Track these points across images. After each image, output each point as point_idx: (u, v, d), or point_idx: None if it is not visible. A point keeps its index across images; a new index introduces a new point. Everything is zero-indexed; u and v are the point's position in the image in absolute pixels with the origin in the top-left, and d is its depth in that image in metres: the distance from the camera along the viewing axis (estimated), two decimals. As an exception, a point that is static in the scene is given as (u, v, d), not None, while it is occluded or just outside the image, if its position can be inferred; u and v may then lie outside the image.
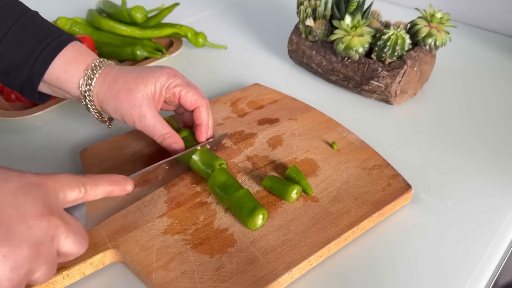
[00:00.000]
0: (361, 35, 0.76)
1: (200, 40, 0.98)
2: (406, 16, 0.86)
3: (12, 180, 0.38)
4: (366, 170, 0.62)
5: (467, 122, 0.76)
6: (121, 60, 0.93)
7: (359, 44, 0.77)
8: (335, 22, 0.78)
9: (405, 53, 0.75)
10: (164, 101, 0.63)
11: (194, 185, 0.60)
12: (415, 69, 0.76)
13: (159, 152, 0.66)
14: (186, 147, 0.62)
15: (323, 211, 0.56)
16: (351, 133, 0.69)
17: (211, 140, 0.63)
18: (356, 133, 0.69)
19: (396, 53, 0.75)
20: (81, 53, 0.60)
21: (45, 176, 0.41)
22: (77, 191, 0.42)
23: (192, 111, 0.63)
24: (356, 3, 0.78)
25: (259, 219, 0.54)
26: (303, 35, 0.86)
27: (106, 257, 0.52)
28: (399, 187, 0.59)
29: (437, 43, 0.76)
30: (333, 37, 0.78)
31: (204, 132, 0.63)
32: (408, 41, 0.75)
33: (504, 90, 0.85)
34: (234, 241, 0.53)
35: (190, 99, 0.61)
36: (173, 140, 0.61)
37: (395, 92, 0.76)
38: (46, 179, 0.40)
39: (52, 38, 0.58)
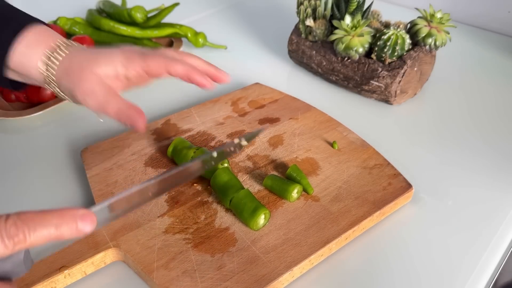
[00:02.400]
0: (361, 35, 0.77)
1: (200, 40, 0.98)
2: (406, 16, 0.86)
3: None
4: (367, 170, 0.62)
5: (467, 122, 0.76)
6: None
7: (359, 44, 0.77)
8: (335, 22, 0.78)
9: (405, 53, 0.75)
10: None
11: (195, 185, 0.60)
12: (415, 69, 0.77)
13: (160, 152, 0.66)
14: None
15: (324, 211, 0.56)
16: (352, 132, 0.69)
17: (246, 134, 0.58)
18: (356, 133, 0.69)
19: (396, 53, 0.75)
20: (42, 35, 0.55)
21: None
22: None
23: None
24: (356, 3, 0.78)
25: (261, 219, 0.54)
26: (303, 35, 0.86)
27: (107, 256, 0.52)
28: (399, 186, 0.59)
29: (437, 43, 0.76)
30: (333, 37, 0.78)
31: (196, 78, 0.57)
32: (408, 41, 0.76)
33: (504, 90, 0.85)
34: (235, 240, 0.53)
35: (153, 67, 0.54)
36: (133, 111, 0.53)
37: (395, 92, 0.76)
38: None
39: (9, 22, 0.54)
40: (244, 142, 0.54)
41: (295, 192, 0.58)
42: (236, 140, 0.53)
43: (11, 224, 0.33)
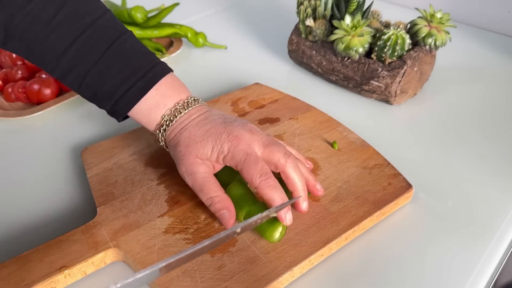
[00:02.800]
0: (361, 35, 0.77)
1: (200, 40, 0.98)
2: (406, 16, 0.86)
3: None
4: (367, 170, 0.62)
5: (467, 122, 0.76)
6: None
7: (359, 44, 0.77)
8: (335, 22, 0.78)
9: (405, 53, 0.75)
10: None
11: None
12: (415, 69, 0.77)
13: (160, 152, 0.66)
14: (240, 208, 0.55)
15: (324, 210, 0.56)
16: (352, 132, 0.69)
17: (278, 207, 0.50)
18: (356, 133, 0.69)
19: (396, 53, 0.75)
20: (166, 96, 0.57)
21: None
22: None
23: None
24: (356, 3, 0.78)
25: (278, 232, 0.52)
26: (303, 35, 0.86)
27: (107, 256, 0.52)
28: (399, 186, 0.59)
29: (437, 43, 0.76)
30: (333, 37, 0.78)
31: (280, 214, 0.51)
32: (408, 41, 0.76)
33: (504, 90, 0.85)
34: (235, 240, 0.53)
35: (246, 179, 0.52)
36: (222, 205, 0.52)
37: (395, 92, 0.76)
38: None
39: (138, 77, 0.56)
40: (273, 214, 0.50)
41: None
42: (265, 213, 0.48)
43: None
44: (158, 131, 0.58)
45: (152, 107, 0.57)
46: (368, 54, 0.79)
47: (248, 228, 0.47)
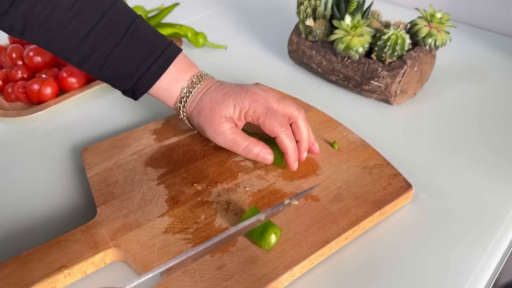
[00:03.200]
0: (361, 35, 0.77)
1: (200, 40, 0.98)
2: (406, 16, 0.86)
3: None
4: (367, 170, 0.62)
5: (467, 122, 0.76)
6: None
7: (359, 44, 0.77)
8: (335, 22, 0.78)
9: (405, 53, 0.75)
10: None
11: (195, 184, 0.60)
12: (415, 69, 0.77)
13: (160, 152, 0.66)
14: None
15: (324, 210, 0.56)
16: (352, 132, 0.69)
17: (298, 195, 0.51)
18: (356, 133, 0.69)
19: (396, 53, 0.75)
20: (182, 71, 0.63)
21: None
22: None
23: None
24: (356, 3, 0.78)
25: (273, 238, 0.52)
26: (303, 35, 0.86)
27: (107, 256, 0.52)
28: (399, 186, 0.59)
29: (437, 43, 0.76)
30: (333, 37, 0.78)
31: (290, 159, 0.61)
32: (408, 41, 0.76)
33: (504, 90, 0.85)
34: (235, 240, 0.53)
35: (267, 128, 0.59)
36: (259, 147, 0.60)
37: (395, 92, 0.76)
38: None
39: (157, 56, 0.61)
40: (295, 202, 0.50)
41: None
42: (286, 201, 0.49)
43: None
44: (179, 104, 0.63)
45: (172, 82, 0.62)
46: (368, 54, 0.79)
47: (272, 215, 0.50)
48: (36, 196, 0.63)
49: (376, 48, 0.76)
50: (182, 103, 0.62)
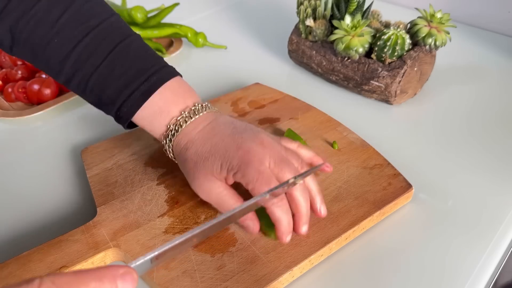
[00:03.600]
0: (361, 35, 0.77)
1: (200, 40, 0.98)
2: (406, 16, 0.86)
3: None
4: (367, 170, 0.62)
5: (467, 122, 0.76)
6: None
7: (359, 44, 0.77)
8: (335, 22, 0.78)
9: (405, 53, 0.75)
10: None
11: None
12: (415, 69, 0.77)
13: (160, 152, 0.66)
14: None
15: (324, 211, 0.56)
16: (352, 132, 0.69)
17: (303, 174, 0.50)
18: (356, 133, 0.69)
19: (396, 53, 0.75)
20: (170, 102, 0.54)
21: None
22: None
23: None
24: (356, 3, 0.78)
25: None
26: (303, 35, 0.86)
27: (107, 256, 0.52)
28: (399, 186, 0.59)
29: (437, 43, 0.76)
30: (333, 37, 0.78)
31: (281, 236, 0.49)
32: (408, 41, 0.76)
33: (504, 90, 0.85)
34: (235, 240, 0.53)
35: (255, 196, 0.48)
36: (245, 216, 0.50)
37: (395, 92, 0.76)
38: None
39: (141, 81, 0.54)
40: (299, 181, 0.49)
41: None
42: (291, 180, 0.47)
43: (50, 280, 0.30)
44: (164, 141, 0.56)
45: (155, 114, 0.54)
46: (368, 54, 0.79)
47: (277, 194, 0.47)
48: (36, 196, 0.63)
49: (376, 48, 0.76)
50: (167, 141, 0.55)
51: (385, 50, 0.75)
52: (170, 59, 0.93)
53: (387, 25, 0.81)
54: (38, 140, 0.74)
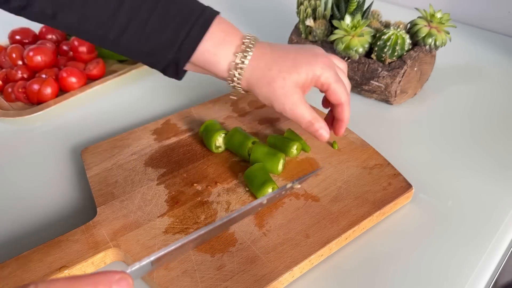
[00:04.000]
0: (361, 35, 0.77)
1: None
2: (406, 16, 0.86)
3: None
4: (367, 170, 0.62)
5: (467, 122, 0.76)
6: (120, 60, 0.93)
7: (359, 44, 0.77)
8: (335, 22, 0.78)
9: (405, 53, 0.75)
10: None
11: (195, 185, 0.60)
12: (415, 69, 0.77)
13: (160, 152, 0.66)
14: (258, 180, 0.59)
15: (324, 210, 0.56)
16: (352, 132, 0.69)
17: (301, 179, 0.54)
18: (356, 133, 0.69)
19: (396, 53, 0.75)
20: (228, 33, 0.56)
21: None
22: None
23: (333, 104, 0.60)
24: (356, 3, 0.78)
25: (268, 192, 0.57)
26: (303, 35, 0.86)
27: (107, 256, 0.52)
28: (399, 186, 0.59)
29: (437, 43, 0.76)
30: (333, 37, 0.78)
31: (343, 127, 0.61)
32: (408, 41, 0.76)
33: (504, 90, 0.85)
34: (235, 240, 0.53)
35: (336, 96, 0.57)
36: (320, 124, 0.57)
37: (395, 92, 0.76)
38: None
39: (196, 16, 0.55)
40: (297, 186, 0.53)
41: (294, 148, 0.64)
42: (288, 185, 0.51)
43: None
44: (234, 71, 0.56)
45: (218, 44, 0.56)
46: (368, 54, 0.79)
47: (274, 199, 0.49)
48: (36, 196, 0.63)
49: (376, 48, 0.76)
50: (239, 70, 0.56)
51: (385, 50, 0.75)
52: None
53: (387, 25, 0.81)
54: (38, 140, 0.74)
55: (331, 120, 0.62)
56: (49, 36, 0.95)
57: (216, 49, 0.56)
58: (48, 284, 0.30)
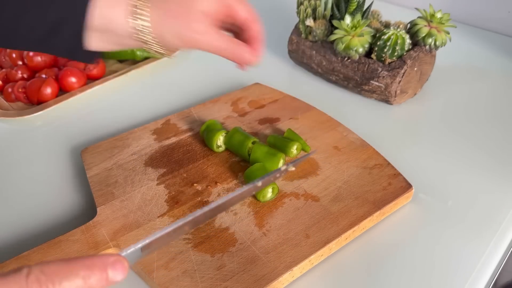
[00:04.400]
0: (361, 35, 0.77)
1: None
2: (406, 16, 0.86)
3: None
4: (367, 170, 0.62)
5: (467, 122, 0.76)
6: (120, 60, 0.93)
7: (359, 44, 0.77)
8: (335, 22, 0.78)
9: (405, 53, 0.75)
10: None
11: (195, 185, 0.60)
12: (415, 69, 0.77)
13: (160, 152, 0.66)
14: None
15: (324, 211, 0.56)
16: (352, 132, 0.69)
17: (295, 161, 0.52)
18: (356, 133, 0.69)
19: (396, 53, 0.75)
20: None
21: None
22: None
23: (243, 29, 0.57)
24: (356, 3, 0.78)
25: (269, 192, 0.57)
26: (303, 35, 0.86)
27: (107, 256, 0.52)
28: (399, 186, 0.59)
29: (437, 43, 0.76)
30: (333, 37, 0.78)
31: (260, 45, 0.57)
32: (408, 41, 0.76)
33: (504, 90, 0.85)
34: (235, 240, 0.53)
35: (245, 13, 0.56)
36: (243, 48, 0.55)
37: (395, 92, 0.76)
38: None
39: None
40: (291, 168, 0.51)
41: (294, 148, 0.64)
42: (283, 167, 0.49)
43: (33, 281, 0.29)
44: (134, 12, 0.49)
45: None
46: (368, 54, 0.79)
47: (268, 182, 0.48)
48: (36, 196, 0.63)
49: (376, 48, 0.76)
50: (138, 11, 0.49)
51: (385, 50, 0.75)
52: (171, 59, 0.92)
53: (387, 25, 0.81)
54: (38, 140, 0.74)
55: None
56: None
57: (109, 8, 0.49)
58: (42, 267, 0.29)
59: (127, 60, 0.92)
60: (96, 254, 0.32)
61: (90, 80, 0.86)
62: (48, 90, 0.80)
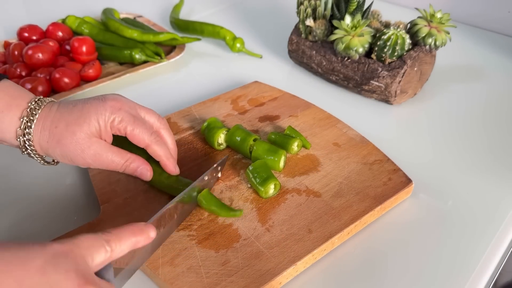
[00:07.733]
0: (361, 35, 0.77)
1: (237, 45, 0.97)
2: (406, 16, 0.86)
3: (35, 256, 0.35)
4: (367, 165, 0.63)
5: (467, 122, 0.77)
6: (120, 63, 0.93)
7: (359, 44, 0.77)
8: (335, 22, 0.79)
9: (405, 53, 0.76)
10: None
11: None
12: (415, 69, 0.77)
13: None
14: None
15: (326, 206, 0.57)
16: (351, 129, 0.69)
17: (215, 165, 0.60)
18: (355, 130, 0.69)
19: (396, 53, 0.75)
20: (14, 96, 0.52)
21: (67, 242, 0.37)
22: (103, 252, 0.39)
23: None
24: (356, 3, 0.79)
25: (271, 188, 0.58)
26: (303, 35, 0.86)
27: (111, 252, 0.52)
28: (399, 181, 0.60)
29: (437, 43, 0.77)
30: (333, 37, 0.79)
31: (168, 165, 0.58)
32: (408, 41, 0.76)
33: (504, 90, 0.86)
34: (239, 236, 0.53)
35: (137, 138, 0.54)
36: (137, 164, 0.56)
37: (395, 92, 0.77)
38: (70, 245, 0.37)
39: None
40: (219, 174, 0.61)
41: (295, 145, 0.65)
42: (206, 177, 0.58)
43: (105, 234, 0.41)
44: (21, 138, 0.52)
45: (3, 109, 0.51)
46: (368, 54, 0.79)
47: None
48: (39, 195, 0.63)
49: (376, 48, 0.77)
50: (26, 135, 0.52)
51: (385, 50, 0.75)
52: (169, 63, 0.92)
53: (387, 25, 0.82)
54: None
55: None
56: (59, 34, 0.95)
57: (1, 116, 0.51)
58: (109, 231, 0.42)
59: (126, 62, 0.92)
60: (130, 224, 0.44)
61: (86, 81, 0.85)
62: (39, 89, 0.79)
